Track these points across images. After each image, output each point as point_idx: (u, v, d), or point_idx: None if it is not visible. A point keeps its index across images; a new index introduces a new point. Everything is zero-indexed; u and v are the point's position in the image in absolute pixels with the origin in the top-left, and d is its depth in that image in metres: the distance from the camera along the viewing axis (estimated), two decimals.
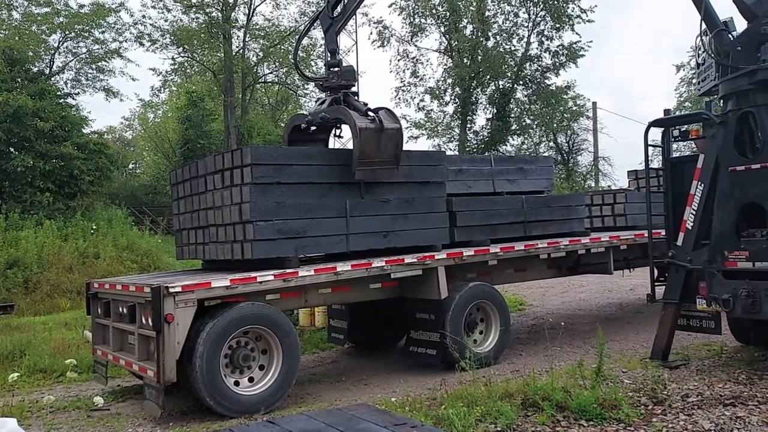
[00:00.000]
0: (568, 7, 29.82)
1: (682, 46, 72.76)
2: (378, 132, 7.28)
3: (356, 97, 8.09)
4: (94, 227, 19.39)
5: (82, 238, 18.32)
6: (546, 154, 35.13)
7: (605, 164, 37.18)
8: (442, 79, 32.00)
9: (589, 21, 29.91)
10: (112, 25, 26.90)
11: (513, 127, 32.54)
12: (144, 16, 29.25)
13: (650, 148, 8.03)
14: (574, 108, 34.49)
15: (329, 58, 8.26)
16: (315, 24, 9.56)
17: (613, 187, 28.99)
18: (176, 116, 36.52)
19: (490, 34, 30.54)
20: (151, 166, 41.29)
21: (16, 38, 23.14)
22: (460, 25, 30.50)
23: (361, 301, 8.02)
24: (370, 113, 7.55)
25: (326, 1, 8.72)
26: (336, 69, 8.08)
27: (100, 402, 7.09)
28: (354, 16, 9.20)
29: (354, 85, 8.22)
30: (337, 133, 8.53)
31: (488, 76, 30.80)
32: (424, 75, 32.73)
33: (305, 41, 27.79)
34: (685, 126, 7.76)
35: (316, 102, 8.62)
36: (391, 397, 6.39)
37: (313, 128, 8.01)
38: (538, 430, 5.27)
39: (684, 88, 41.96)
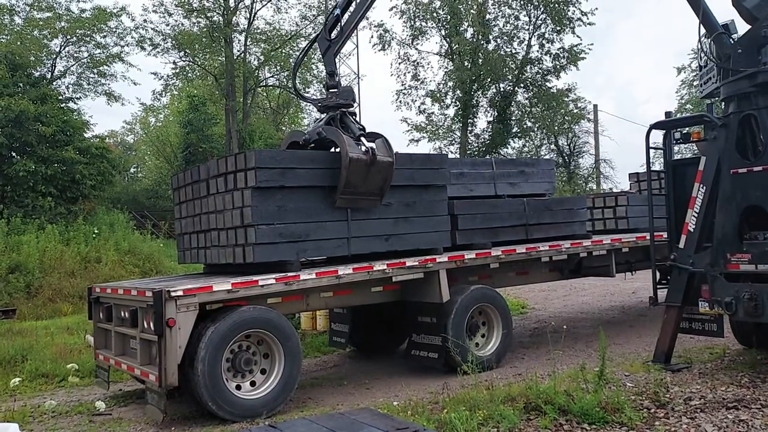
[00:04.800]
0: (568, 10, 29.83)
1: (683, 49, 72.80)
2: (368, 165, 7.19)
3: (354, 118, 8.05)
4: (96, 231, 19.41)
5: (84, 242, 18.33)
6: (547, 156, 35.16)
7: (606, 167, 37.34)
8: (443, 82, 31.99)
9: (590, 24, 29.92)
10: (114, 30, 26.96)
11: (514, 130, 32.52)
12: (145, 21, 29.23)
13: (652, 151, 8.02)
14: (575, 111, 34.46)
15: (328, 80, 8.21)
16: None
17: (614, 190, 29.03)
18: (178, 120, 36.65)
19: (490, 37, 30.54)
20: (152, 170, 41.38)
21: (18, 43, 23.19)
22: (461, 29, 30.52)
23: (362, 304, 8.03)
24: (364, 140, 7.45)
25: (323, 24, 8.71)
26: (334, 90, 8.04)
27: (102, 407, 7.07)
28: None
29: (352, 105, 8.13)
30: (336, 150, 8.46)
31: (489, 79, 30.79)
32: (424, 78, 32.78)
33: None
34: (687, 128, 7.75)
35: (315, 122, 8.56)
36: (393, 401, 6.38)
37: (311, 146, 7.96)
38: None
39: (685, 91, 42.03)
